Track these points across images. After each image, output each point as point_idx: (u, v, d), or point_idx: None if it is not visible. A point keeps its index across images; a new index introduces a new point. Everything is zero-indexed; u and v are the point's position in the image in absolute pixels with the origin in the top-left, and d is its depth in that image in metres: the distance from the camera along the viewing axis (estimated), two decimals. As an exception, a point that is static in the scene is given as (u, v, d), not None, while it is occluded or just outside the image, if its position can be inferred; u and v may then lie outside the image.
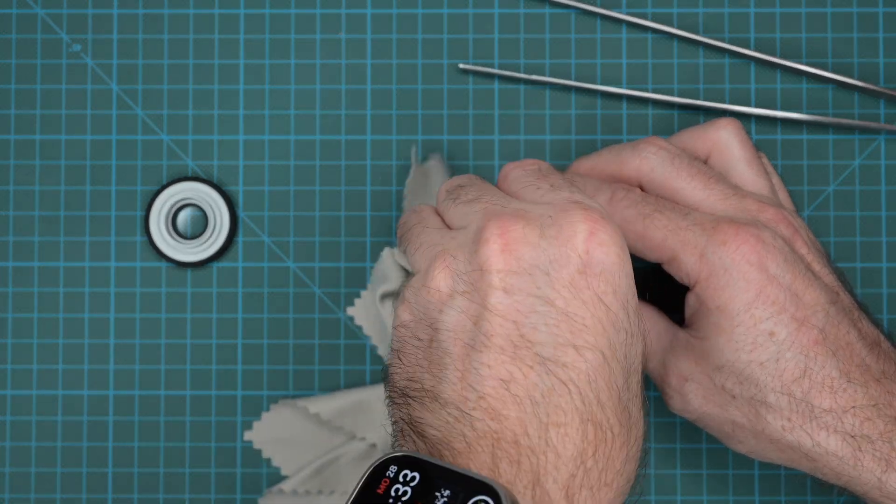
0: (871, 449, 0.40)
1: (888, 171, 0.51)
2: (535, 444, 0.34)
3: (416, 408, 0.36)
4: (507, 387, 0.35)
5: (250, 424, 0.50)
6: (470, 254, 0.36)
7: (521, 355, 0.35)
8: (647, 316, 0.46)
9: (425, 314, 0.37)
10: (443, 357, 0.36)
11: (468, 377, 0.35)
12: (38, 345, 0.51)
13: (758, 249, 0.42)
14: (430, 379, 0.36)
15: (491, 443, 0.34)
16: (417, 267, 0.39)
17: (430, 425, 0.35)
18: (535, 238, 0.36)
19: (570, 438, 0.34)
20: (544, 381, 0.34)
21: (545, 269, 0.35)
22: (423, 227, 0.40)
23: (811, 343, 0.41)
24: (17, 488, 0.50)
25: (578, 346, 0.35)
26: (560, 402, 0.34)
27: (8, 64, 0.51)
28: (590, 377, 0.35)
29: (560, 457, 0.34)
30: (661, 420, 0.50)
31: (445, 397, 0.35)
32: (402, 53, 0.51)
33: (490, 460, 0.34)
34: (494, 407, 0.34)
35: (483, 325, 0.35)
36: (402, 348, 0.38)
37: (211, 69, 0.51)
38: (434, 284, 0.37)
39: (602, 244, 0.36)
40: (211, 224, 0.50)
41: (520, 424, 0.34)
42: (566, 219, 0.36)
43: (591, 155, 0.47)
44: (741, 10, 0.51)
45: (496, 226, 0.36)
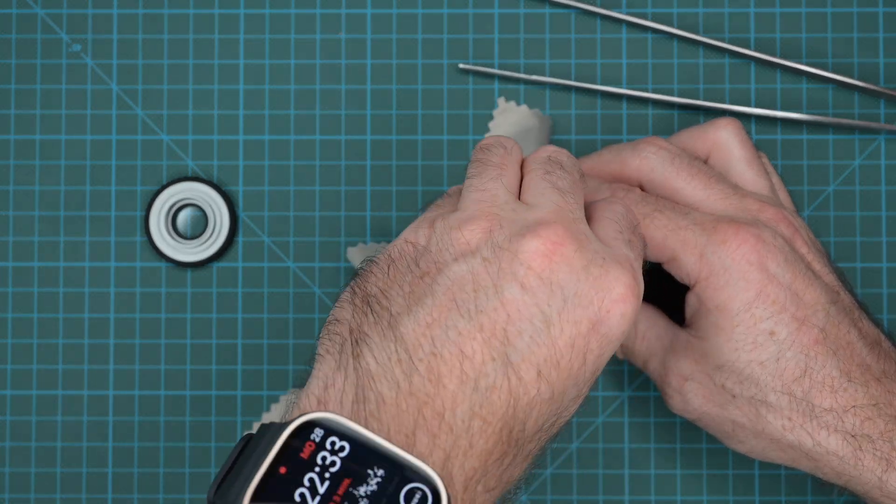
0: (872, 448, 0.40)
1: (888, 171, 0.51)
2: (457, 426, 0.34)
3: (370, 323, 0.35)
4: (463, 360, 0.34)
5: (250, 425, 0.50)
6: (516, 235, 0.36)
7: (492, 345, 0.34)
8: (647, 316, 0.46)
9: (439, 251, 0.36)
10: (426, 296, 0.35)
11: (435, 329, 0.34)
12: (38, 345, 0.51)
13: (758, 249, 0.42)
14: (401, 305, 0.35)
15: (418, 405, 0.33)
16: (465, 203, 0.38)
17: (372, 351, 0.34)
18: (578, 266, 0.36)
19: (486, 436, 0.34)
20: (496, 378, 0.34)
21: (565, 297, 0.35)
22: (499, 173, 0.39)
23: (811, 342, 0.41)
24: (17, 488, 0.50)
25: (542, 374, 0.35)
26: (496, 402, 0.34)
27: (8, 64, 0.51)
28: (531, 403, 0.35)
29: (472, 448, 0.34)
30: (662, 420, 0.50)
31: (403, 331, 0.35)
32: (402, 53, 0.51)
33: (411, 424, 0.33)
34: (440, 371, 0.34)
35: (481, 298, 0.35)
36: (397, 260, 0.37)
37: (211, 69, 0.51)
38: (467, 234, 0.36)
39: (623, 315, 0.36)
40: (211, 224, 0.50)
41: (452, 400, 0.34)
42: (613, 272, 0.36)
43: (591, 155, 0.47)
44: (741, 10, 0.51)
45: (555, 232, 0.36)
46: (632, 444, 0.50)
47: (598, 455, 0.50)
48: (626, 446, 0.50)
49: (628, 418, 0.50)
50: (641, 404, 0.50)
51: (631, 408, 0.50)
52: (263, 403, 0.50)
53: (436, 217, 0.38)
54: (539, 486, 0.50)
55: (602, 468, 0.50)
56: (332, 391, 0.34)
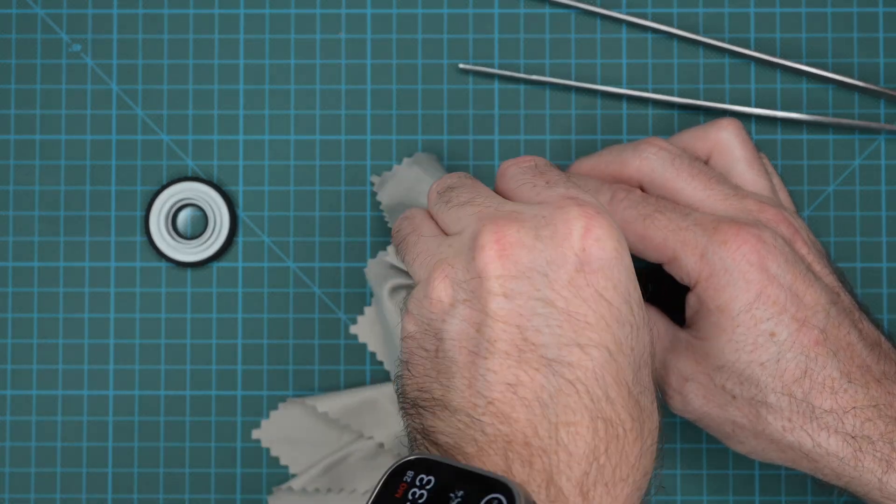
0: (872, 450, 0.40)
1: (888, 171, 0.51)
2: (546, 445, 0.34)
3: (428, 417, 0.36)
4: (515, 390, 0.35)
5: (255, 424, 0.50)
6: (467, 261, 0.36)
7: (527, 358, 0.35)
8: (647, 316, 0.46)
9: (429, 325, 0.37)
10: (449, 366, 0.36)
11: (475, 384, 0.35)
12: (38, 345, 0.51)
13: (758, 249, 0.42)
14: (438, 388, 0.36)
15: (503, 445, 0.34)
16: (417, 277, 0.39)
17: (442, 433, 0.35)
18: (530, 240, 0.36)
19: (580, 437, 0.34)
20: (551, 383, 0.34)
21: (543, 271, 0.35)
22: (417, 235, 0.40)
23: (812, 343, 0.41)
24: (17, 488, 0.50)
25: (583, 344, 0.35)
26: (569, 402, 0.34)
27: (8, 64, 0.51)
28: (597, 374, 0.35)
29: (572, 455, 0.34)
30: (662, 420, 0.50)
31: (455, 405, 0.35)
32: (402, 53, 0.51)
33: (503, 462, 0.34)
34: (503, 411, 0.34)
35: (486, 331, 0.35)
36: (411, 359, 0.38)
37: (211, 69, 0.51)
38: (435, 295, 0.37)
39: (598, 240, 0.36)
40: (211, 224, 0.50)
41: (530, 426, 0.34)
42: (561, 217, 0.36)
43: (592, 155, 0.47)
44: (741, 10, 0.51)
45: (491, 230, 0.36)
46: (632, 444, 0.50)
47: (598, 455, 0.50)
48: (626, 446, 0.50)
49: (628, 418, 0.50)
50: (641, 404, 0.50)
51: (631, 408, 0.50)
52: (263, 403, 0.50)
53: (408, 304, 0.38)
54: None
55: (602, 468, 0.50)
56: None
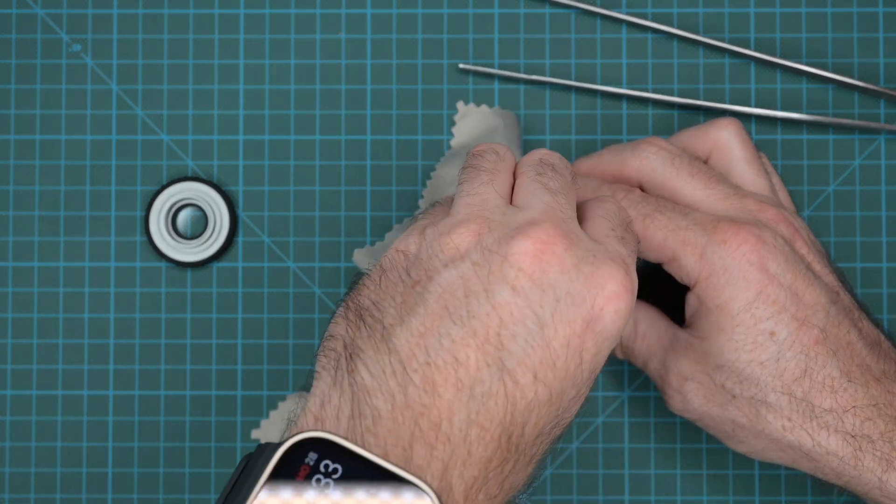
0: (872, 449, 0.40)
1: (888, 171, 0.51)
2: (454, 435, 0.33)
3: (363, 338, 0.35)
4: (457, 368, 0.34)
5: (255, 424, 0.50)
6: (505, 237, 0.35)
7: (487, 350, 0.34)
8: (647, 316, 0.46)
9: (429, 258, 0.36)
10: (418, 305, 0.35)
11: (428, 338, 0.34)
12: (38, 345, 0.51)
13: (758, 249, 0.42)
14: (393, 316, 0.35)
15: (414, 417, 0.33)
16: (456, 210, 0.37)
17: (366, 365, 0.34)
18: (569, 265, 0.35)
19: (485, 444, 0.34)
20: (491, 383, 0.34)
21: (557, 297, 0.35)
22: (491, 178, 0.38)
23: (812, 343, 0.41)
24: (17, 488, 0.50)
25: (539, 377, 0.34)
26: (493, 409, 0.34)
27: (8, 64, 0.51)
28: (528, 406, 0.34)
29: (471, 456, 0.34)
30: (662, 420, 0.50)
31: (396, 342, 0.34)
32: (402, 53, 0.51)
33: (408, 437, 0.33)
34: (435, 380, 0.34)
35: (472, 303, 0.34)
36: (388, 271, 0.36)
37: (211, 69, 0.51)
38: (458, 239, 0.36)
39: (617, 312, 0.35)
40: (211, 224, 0.50)
41: (448, 409, 0.33)
42: (606, 269, 0.36)
43: (591, 155, 0.47)
44: (741, 10, 0.51)
45: (545, 230, 0.35)
46: (632, 444, 0.50)
47: (598, 455, 0.50)
48: (626, 446, 0.50)
49: (628, 418, 0.50)
50: (641, 404, 0.50)
51: (631, 408, 0.50)
52: (263, 403, 0.50)
53: (426, 224, 0.37)
54: (539, 486, 0.50)
55: (602, 468, 0.50)
56: (328, 408, 0.34)
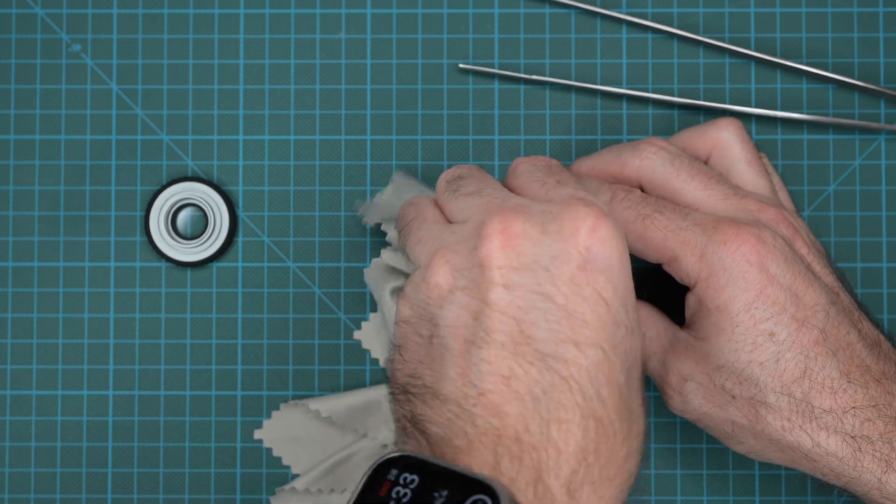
0: (871, 449, 0.40)
1: (888, 171, 0.51)
2: (536, 441, 0.34)
3: (418, 404, 0.36)
4: (508, 383, 0.34)
5: (255, 424, 0.50)
6: (470, 249, 0.36)
7: (522, 351, 0.35)
8: (647, 316, 0.46)
9: (425, 309, 0.37)
10: (443, 353, 0.36)
11: (468, 373, 0.35)
12: (38, 345, 0.51)
13: (758, 249, 0.42)
14: (430, 375, 0.36)
15: (493, 440, 0.34)
16: (418, 262, 0.38)
17: (432, 422, 0.35)
18: (536, 234, 0.36)
19: (571, 434, 0.34)
20: (545, 378, 0.34)
21: (546, 265, 0.35)
22: (422, 220, 0.40)
23: (811, 343, 0.41)
24: (17, 488, 0.50)
25: (579, 342, 0.35)
26: (561, 398, 0.34)
27: (8, 64, 0.51)
28: (591, 373, 0.35)
29: (562, 453, 0.34)
30: (661, 420, 0.50)
31: (446, 394, 0.35)
32: (402, 53, 0.51)
33: (492, 457, 0.34)
34: (495, 403, 0.34)
35: (483, 321, 0.35)
36: (404, 344, 0.37)
37: (211, 69, 0.51)
38: (434, 280, 0.36)
39: (604, 241, 0.36)
40: (211, 224, 0.50)
41: (521, 421, 0.34)
42: (568, 214, 0.36)
43: (592, 155, 0.47)
44: (741, 10, 0.51)
45: (497, 221, 0.36)
46: (632, 444, 0.50)
47: (598, 455, 0.50)
48: (625, 446, 0.50)
49: (628, 418, 0.50)
50: (641, 404, 0.50)
51: (631, 408, 0.50)
52: (263, 403, 0.50)
53: (406, 287, 0.38)
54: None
55: (602, 468, 0.50)
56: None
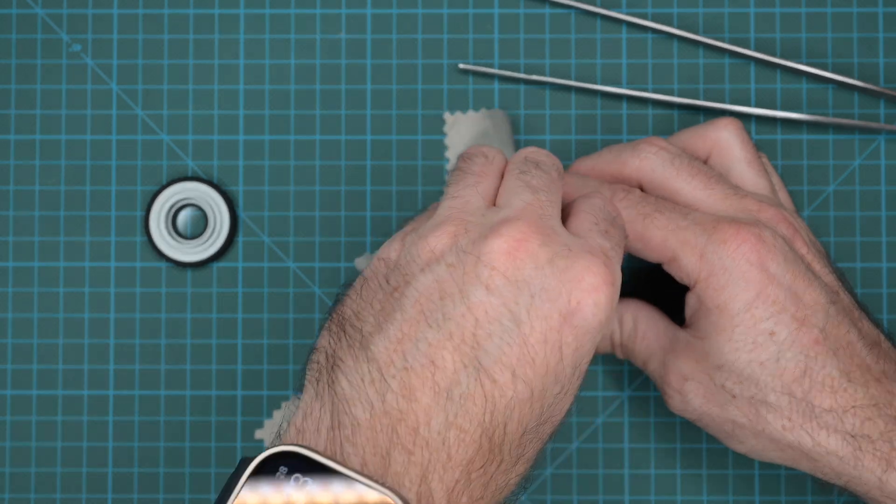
0: (872, 448, 0.40)
1: (888, 171, 0.51)
2: (432, 439, 0.33)
3: (343, 347, 0.35)
4: (434, 372, 0.34)
5: (255, 424, 0.50)
6: (480, 237, 0.36)
7: (463, 351, 0.34)
8: (647, 316, 0.46)
9: (407, 263, 0.36)
10: (395, 311, 0.35)
11: (405, 343, 0.34)
12: (38, 345, 0.51)
13: (758, 249, 0.42)
14: (372, 324, 0.35)
15: (392, 424, 0.33)
16: (439, 211, 0.38)
17: (346, 375, 0.34)
18: (543, 260, 0.35)
19: (465, 445, 0.34)
20: (468, 384, 0.34)
21: (532, 293, 0.35)
22: (476, 181, 0.39)
23: (811, 343, 0.41)
24: (17, 488, 0.50)
25: (516, 374, 0.34)
26: (471, 409, 0.34)
27: (8, 64, 0.51)
28: (508, 405, 0.34)
29: (451, 459, 0.33)
30: (662, 420, 0.50)
31: (375, 351, 0.34)
32: (402, 53, 0.51)
33: (386, 444, 0.33)
34: (413, 385, 0.34)
35: (448, 305, 0.35)
36: (369, 281, 0.37)
37: (211, 69, 0.51)
38: (432, 242, 0.36)
39: (597, 305, 0.35)
40: (211, 224, 0.50)
41: (426, 413, 0.33)
42: (581, 262, 0.36)
43: (592, 155, 0.47)
44: (741, 10, 0.51)
45: (519, 227, 0.35)
46: (632, 444, 0.50)
47: (598, 455, 0.50)
48: (626, 446, 0.50)
49: (628, 418, 0.50)
50: (641, 404, 0.50)
51: (631, 408, 0.50)
52: (263, 403, 0.50)
53: (409, 231, 0.37)
54: (539, 486, 0.50)
55: (602, 468, 0.50)
56: (309, 420, 0.34)
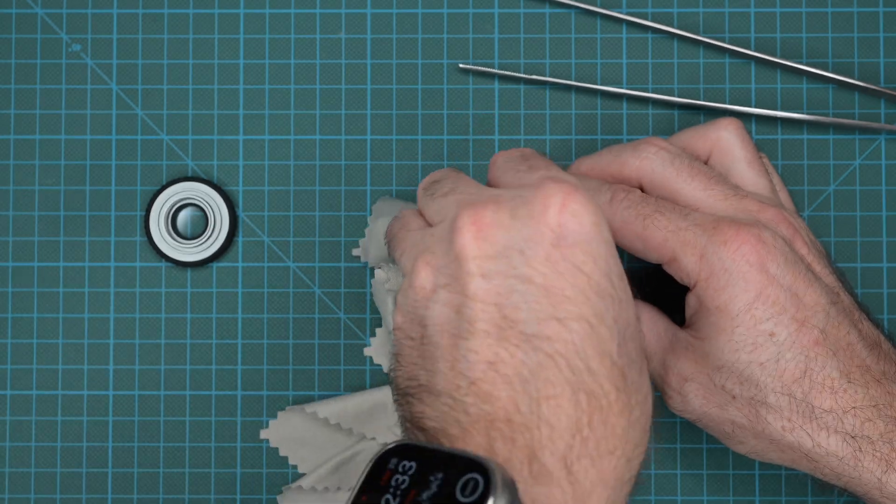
0: (872, 449, 0.40)
1: (888, 171, 0.51)
2: (528, 420, 0.34)
3: (415, 404, 0.37)
4: (496, 368, 0.35)
5: (255, 424, 0.50)
6: (447, 246, 0.37)
7: (506, 336, 0.35)
8: (647, 316, 0.46)
9: (414, 313, 0.38)
10: (433, 351, 0.36)
11: (458, 365, 0.35)
12: (38, 345, 0.51)
13: (758, 249, 0.42)
14: (424, 374, 0.37)
15: (485, 425, 0.34)
16: (405, 270, 0.39)
17: (429, 418, 0.36)
18: (506, 220, 0.36)
19: (562, 410, 0.34)
20: (531, 358, 0.35)
21: (520, 249, 0.36)
22: (406, 230, 0.40)
23: (812, 343, 0.41)
24: (17, 488, 0.50)
25: (561, 318, 0.35)
26: (549, 376, 0.34)
27: (8, 64, 0.51)
28: (577, 347, 0.35)
29: (554, 429, 0.34)
30: (662, 420, 0.50)
31: (439, 388, 0.36)
32: (402, 53, 0.51)
33: (485, 441, 0.34)
34: (485, 390, 0.35)
35: (465, 312, 0.36)
36: (400, 350, 0.38)
37: (211, 69, 0.51)
38: (418, 283, 0.37)
39: (575, 214, 0.36)
40: (211, 224, 0.50)
41: (511, 402, 0.34)
42: (538, 195, 0.36)
43: (592, 155, 0.47)
44: (741, 10, 0.51)
45: (468, 214, 0.36)
46: (632, 444, 0.50)
47: (598, 455, 0.50)
48: (625, 446, 0.50)
49: (628, 418, 0.50)
50: (641, 404, 0.50)
51: (631, 408, 0.50)
52: (263, 403, 0.50)
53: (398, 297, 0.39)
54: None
55: (602, 468, 0.50)
56: None
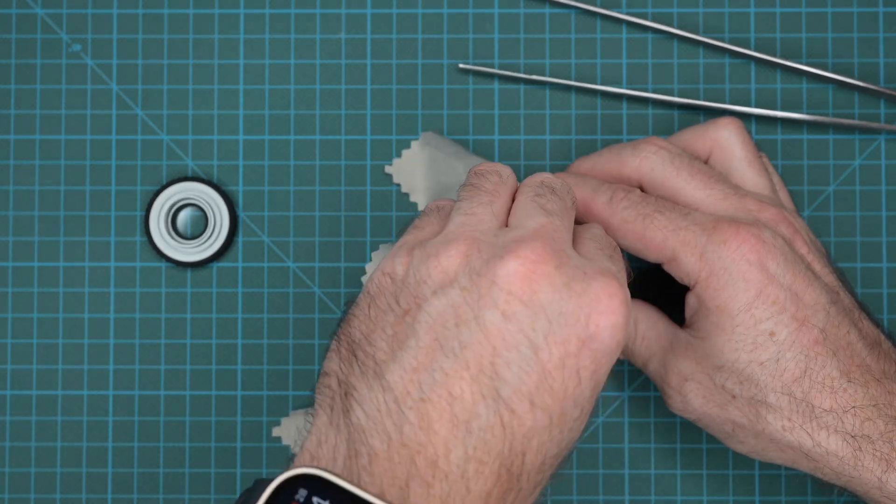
0: (872, 449, 0.40)
1: (888, 171, 0.51)
2: (451, 472, 0.33)
3: (356, 374, 0.34)
4: (452, 403, 0.33)
5: (258, 423, 0.50)
6: (493, 257, 0.35)
7: (481, 382, 0.33)
8: (647, 316, 0.46)
9: (417, 284, 0.35)
10: (409, 338, 0.34)
11: (421, 373, 0.33)
12: (38, 345, 0.51)
13: (758, 249, 0.42)
14: (385, 350, 0.34)
15: (410, 455, 0.33)
16: (450, 227, 0.37)
17: (360, 404, 0.34)
18: (559, 284, 0.35)
19: (484, 478, 0.33)
20: (487, 416, 0.33)
21: (549, 318, 0.34)
22: (490, 199, 0.38)
23: (811, 343, 0.41)
24: (17, 488, 0.50)
25: (535, 402, 0.34)
26: (490, 442, 0.33)
27: (8, 64, 0.51)
28: (527, 435, 0.34)
29: (469, 492, 0.33)
30: (662, 420, 0.50)
31: (390, 380, 0.34)
32: (402, 53, 0.51)
33: (404, 476, 0.32)
34: (430, 417, 0.33)
35: (464, 333, 0.34)
36: (376, 298, 0.36)
37: (211, 69, 0.51)
38: (444, 262, 0.35)
39: (615, 326, 0.35)
40: (211, 224, 0.50)
41: (445, 446, 0.33)
42: (597, 284, 0.35)
43: (591, 155, 0.47)
44: (741, 10, 0.51)
45: (534, 249, 0.35)
46: (632, 444, 0.50)
47: (598, 455, 0.50)
48: (626, 446, 0.50)
49: (628, 418, 0.50)
50: (641, 404, 0.50)
51: (631, 408, 0.50)
52: (263, 403, 0.50)
53: (414, 244, 0.36)
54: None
55: (602, 468, 0.50)
56: (325, 447, 0.34)
